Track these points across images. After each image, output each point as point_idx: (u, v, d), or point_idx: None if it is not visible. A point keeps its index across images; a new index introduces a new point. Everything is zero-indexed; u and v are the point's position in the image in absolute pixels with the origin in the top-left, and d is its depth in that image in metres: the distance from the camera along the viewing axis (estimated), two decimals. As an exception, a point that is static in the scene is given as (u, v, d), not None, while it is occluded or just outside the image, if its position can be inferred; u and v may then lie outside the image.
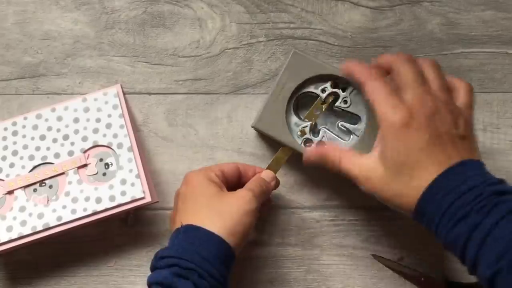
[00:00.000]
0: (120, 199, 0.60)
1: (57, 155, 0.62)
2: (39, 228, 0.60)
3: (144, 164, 0.63)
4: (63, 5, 0.68)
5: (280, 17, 0.68)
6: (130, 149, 0.62)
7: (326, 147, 0.57)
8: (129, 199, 0.60)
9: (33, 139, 0.62)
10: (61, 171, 0.61)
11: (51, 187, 0.61)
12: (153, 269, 0.53)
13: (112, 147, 0.62)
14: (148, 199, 0.61)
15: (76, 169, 0.61)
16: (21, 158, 0.61)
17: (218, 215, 0.54)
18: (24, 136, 0.62)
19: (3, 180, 0.61)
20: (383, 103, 0.51)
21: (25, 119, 0.63)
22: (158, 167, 0.67)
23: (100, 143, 0.62)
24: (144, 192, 0.61)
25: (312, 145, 0.63)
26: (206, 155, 0.67)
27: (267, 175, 0.61)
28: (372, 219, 0.66)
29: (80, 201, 0.60)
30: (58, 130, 0.62)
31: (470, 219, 0.47)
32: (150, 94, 0.68)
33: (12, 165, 0.61)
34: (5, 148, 0.62)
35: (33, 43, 0.68)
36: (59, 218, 0.60)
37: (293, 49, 0.63)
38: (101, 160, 0.62)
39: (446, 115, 0.51)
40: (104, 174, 0.62)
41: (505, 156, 0.67)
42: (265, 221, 0.65)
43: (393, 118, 0.51)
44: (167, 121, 0.67)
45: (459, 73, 0.67)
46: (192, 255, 0.51)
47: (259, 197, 0.57)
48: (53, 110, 0.63)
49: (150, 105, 0.67)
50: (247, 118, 0.67)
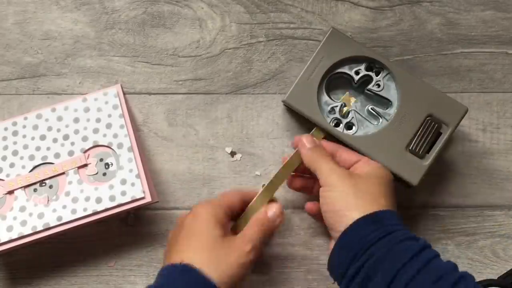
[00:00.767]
0: (120, 199, 0.60)
1: (57, 155, 0.62)
2: (39, 228, 0.60)
3: (144, 164, 0.63)
4: (63, 5, 0.68)
5: (280, 17, 0.68)
6: (130, 149, 0.62)
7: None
8: (129, 199, 0.60)
9: (33, 139, 0.62)
10: (61, 171, 0.61)
11: (51, 187, 0.61)
12: None
13: (112, 147, 0.62)
14: (148, 199, 0.61)
15: (76, 169, 0.61)
16: (22, 158, 0.62)
17: (217, 262, 0.54)
18: (24, 136, 0.62)
19: (3, 180, 0.61)
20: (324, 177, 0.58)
21: (26, 119, 0.63)
22: (158, 167, 0.67)
23: (100, 143, 0.62)
24: (144, 192, 0.61)
25: (341, 126, 0.63)
26: (206, 155, 0.67)
27: (274, 210, 0.59)
28: (372, 219, 0.66)
29: (80, 201, 0.60)
30: (58, 130, 0.62)
31: (350, 271, 0.55)
32: (150, 94, 0.68)
33: (12, 165, 0.61)
34: (5, 148, 0.62)
35: (33, 43, 0.68)
36: (59, 218, 0.60)
37: (332, 26, 0.63)
38: (101, 160, 0.62)
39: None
40: (104, 174, 0.62)
41: (505, 156, 0.67)
42: (265, 221, 0.65)
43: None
44: (167, 121, 0.67)
45: (459, 73, 0.67)
46: None
47: (260, 245, 0.57)
48: (53, 110, 0.63)
49: (150, 105, 0.67)
50: (247, 118, 0.67)
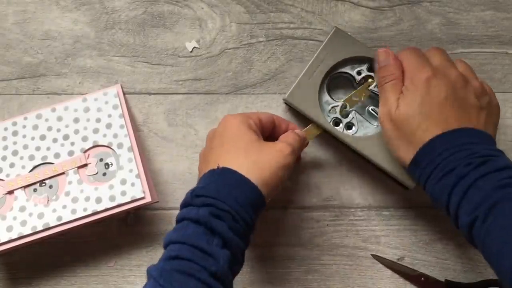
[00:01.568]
0: (120, 199, 0.60)
1: (57, 155, 0.62)
2: (39, 228, 0.60)
3: (144, 164, 0.63)
4: (63, 5, 0.68)
5: (280, 17, 0.68)
6: (130, 149, 0.62)
7: (394, 62, 0.59)
8: (129, 199, 0.60)
9: (33, 139, 0.62)
10: (61, 171, 0.61)
11: (51, 187, 0.61)
12: (186, 205, 0.53)
13: (112, 147, 0.62)
14: (148, 199, 0.61)
15: (76, 169, 0.61)
16: (21, 158, 0.62)
17: (255, 164, 0.54)
18: (24, 136, 0.62)
19: (3, 180, 0.61)
20: (412, 61, 0.57)
21: (25, 119, 0.63)
22: (158, 167, 0.67)
23: (100, 143, 0.62)
24: (144, 192, 0.61)
25: (341, 125, 0.63)
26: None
27: (301, 133, 0.60)
28: (372, 219, 0.66)
29: (80, 201, 0.60)
30: (58, 130, 0.62)
31: (457, 171, 0.51)
32: (150, 94, 0.68)
33: (12, 165, 0.61)
34: (5, 148, 0.62)
35: (33, 43, 0.68)
36: (59, 218, 0.60)
37: (335, 26, 0.63)
38: (101, 160, 0.62)
39: (469, 85, 0.55)
40: (104, 174, 0.62)
41: (505, 156, 0.67)
42: (265, 221, 0.65)
43: (418, 73, 0.55)
44: (167, 121, 0.67)
45: (459, 73, 0.67)
46: (228, 198, 0.51)
47: (296, 152, 0.58)
48: (53, 110, 0.63)
49: (150, 105, 0.67)
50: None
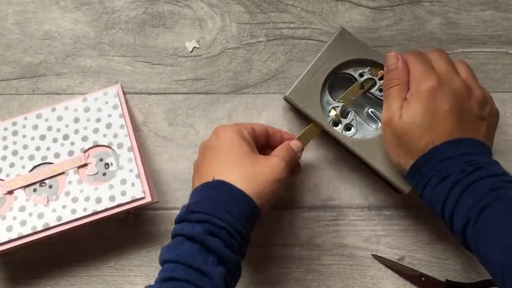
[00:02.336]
0: (120, 199, 0.60)
1: (57, 155, 0.62)
2: (39, 228, 0.59)
3: (144, 164, 0.63)
4: (63, 5, 0.68)
5: (280, 17, 0.68)
6: (130, 149, 0.62)
7: (402, 67, 0.58)
8: (129, 199, 0.60)
9: (33, 139, 0.62)
10: (61, 171, 0.61)
11: (51, 187, 0.61)
12: (181, 220, 0.53)
13: (112, 147, 0.62)
14: (148, 199, 0.61)
15: (76, 169, 0.61)
16: (21, 158, 0.61)
17: (251, 177, 0.54)
18: (24, 136, 0.62)
19: (3, 180, 0.61)
20: (418, 68, 0.56)
21: (25, 119, 0.63)
22: (158, 167, 0.67)
23: (100, 143, 0.62)
24: (144, 192, 0.61)
25: (340, 126, 0.63)
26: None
27: (295, 145, 0.60)
28: (372, 219, 0.66)
29: (80, 201, 0.60)
30: (58, 130, 0.62)
31: (452, 177, 0.52)
32: (150, 94, 0.68)
33: (12, 165, 0.61)
34: (5, 148, 0.62)
35: (33, 43, 0.68)
36: (59, 218, 0.60)
37: (341, 26, 0.63)
38: (101, 160, 0.62)
39: (471, 96, 0.56)
40: (104, 174, 0.62)
41: (505, 156, 0.67)
42: (265, 221, 0.65)
43: (424, 82, 0.55)
44: (167, 121, 0.67)
45: (459, 73, 0.67)
46: (223, 213, 0.52)
47: (290, 166, 0.58)
48: (53, 110, 0.63)
49: (150, 105, 0.67)
50: (247, 118, 0.67)
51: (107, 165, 0.62)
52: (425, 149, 0.54)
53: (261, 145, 0.60)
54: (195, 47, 0.68)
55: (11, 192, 0.61)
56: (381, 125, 0.59)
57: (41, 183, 0.61)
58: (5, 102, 0.67)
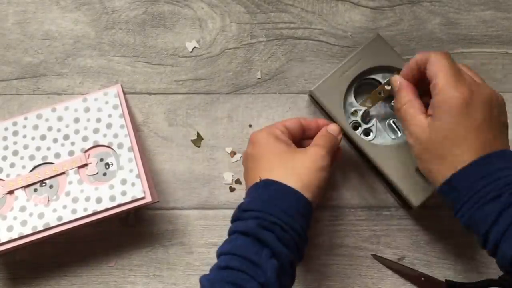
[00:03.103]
0: (120, 199, 0.60)
1: (57, 155, 0.62)
2: (40, 228, 0.60)
3: (144, 164, 0.63)
4: (63, 5, 0.68)
5: (280, 17, 0.68)
6: (130, 149, 0.62)
7: (405, 86, 0.57)
8: (129, 199, 0.60)
9: (33, 139, 0.62)
10: (62, 171, 0.61)
11: (51, 187, 0.61)
12: (235, 219, 0.54)
13: (112, 147, 0.62)
14: (148, 199, 0.61)
15: (76, 169, 0.61)
16: (22, 158, 0.62)
17: (293, 171, 0.55)
18: (24, 136, 0.62)
19: (3, 180, 0.61)
20: (447, 75, 0.53)
21: (26, 119, 0.63)
22: (158, 167, 0.67)
23: (100, 143, 0.62)
24: (144, 192, 0.61)
25: (360, 130, 0.62)
26: (206, 155, 0.67)
27: (333, 129, 0.60)
28: (372, 219, 0.66)
29: (80, 201, 0.60)
30: (58, 130, 0.62)
31: (503, 198, 0.48)
32: (150, 94, 0.68)
33: (12, 165, 0.61)
34: (6, 148, 0.62)
35: (33, 43, 0.68)
36: (60, 218, 0.60)
37: (378, 33, 0.63)
38: (101, 160, 0.62)
39: (498, 105, 0.54)
40: (104, 174, 0.62)
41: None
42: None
43: (454, 93, 0.52)
44: (167, 121, 0.67)
45: (459, 73, 0.67)
46: (274, 209, 0.52)
47: (330, 151, 0.58)
48: (54, 110, 0.63)
49: (150, 105, 0.67)
50: (247, 118, 0.67)
51: (108, 165, 0.62)
52: (458, 163, 0.51)
53: (299, 139, 0.61)
54: (195, 47, 0.68)
55: (12, 192, 0.61)
56: (405, 139, 0.57)
57: (42, 183, 0.61)
58: (5, 102, 0.67)
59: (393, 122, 0.63)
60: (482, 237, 0.50)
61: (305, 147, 0.58)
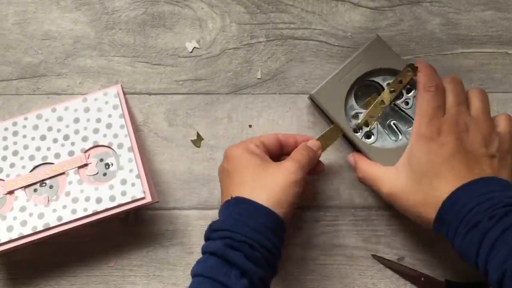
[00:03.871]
0: (120, 199, 0.60)
1: (57, 155, 0.62)
2: (40, 228, 0.60)
3: (144, 164, 0.63)
4: (63, 5, 0.68)
5: (280, 17, 0.68)
6: (130, 149, 0.62)
7: (359, 158, 0.60)
8: (129, 199, 0.60)
9: (33, 139, 0.62)
10: (62, 171, 0.61)
11: (51, 187, 0.61)
12: (206, 239, 0.55)
13: (112, 147, 0.62)
14: (148, 199, 0.61)
15: (76, 169, 0.61)
16: (22, 158, 0.62)
17: (263, 186, 0.55)
18: (24, 136, 0.62)
19: (3, 180, 0.61)
20: (422, 114, 0.56)
21: (26, 119, 0.63)
22: (158, 167, 0.67)
23: (100, 143, 0.62)
24: (144, 192, 0.61)
25: (360, 133, 0.62)
26: (206, 155, 0.67)
27: (313, 144, 0.60)
28: (372, 219, 0.66)
29: (80, 201, 0.60)
30: (58, 130, 0.62)
31: (481, 225, 0.49)
32: (150, 94, 0.68)
33: (12, 165, 0.61)
34: (6, 148, 0.62)
35: (33, 43, 0.68)
36: (60, 218, 0.60)
37: (377, 34, 0.63)
38: (101, 160, 0.62)
39: (476, 135, 0.54)
40: (104, 174, 0.62)
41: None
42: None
43: (424, 130, 0.55)
44: (167, 121, 0.67)
45: (459, 73, 0.67)
46: (242, 227, 0.52)
47: (305, 166, 0.57)
48: (54, 110, 0.63)
49: (150, 105, 0.67)
50: (247, 118, 0.67)
51: (107, 165, 0.62)
52: (440, 197, 0.52)
53: (276, 154, 0.61)
54: (195, 47, 0.68)
55: (12, 192, 0.61)
56: (406, 141, 0.58)
57: (42, 183, 0.61)
58: (5, 102, 0.67)
59: (394, 123, 0.63)
60: (476, 266, 0.51)
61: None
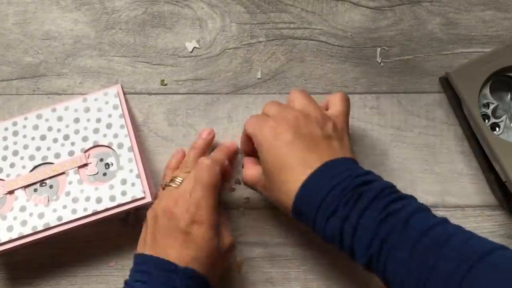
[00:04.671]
0: (120, 199, 0.60)
1: (57, 155, 0.62)
2: (40, 228, 0.60)
3: (144, 164, 0.63)
4: (63, 5, 0.68)
5: (280, 17, 0.68)
6: (130, 149, 0.62)
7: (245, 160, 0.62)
8: (129, 199, 0.60)
9: (33, 139, 0.62)
10: (62, 171, 0.61)
11: (51, 187, 0.61)
12: None
13: (112, 147, 0.62)
14: (148, 199, 0.61)
15: (76, 169, 0.61)
16: (22, 158, 0.62)
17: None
18: (24, 136, 0.62)
19: (3, 180, 0.61)
20: (253, 125, 0.57)
21: (26, 119, 0.63)
22: (158, 167, 0.67)
23: (100, 143, 0.62)
24: (144, 192, 0.61)
25: (487, 122, 0.62)
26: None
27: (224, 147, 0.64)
28: (372, 219, 0.66)
29: (80, 201, 0.60)
30: (58, 130, 0.62)
31: (339, 213, 0.50)
32: (150, 94, 0.68)
33: (12, 165, 0.61)
34: (6, 148, 0.62)
35: (33, 43, 0.68)
36: (60, 218, 0.60)
37: None
38: (101, 160, 0.62)
39: (307, 121, 0.55)
40: (104, 174, 0.62)
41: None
42: (265, 221, 0.65)
43: (261, 132, 0.55)
44: (167, 121, 0.67)
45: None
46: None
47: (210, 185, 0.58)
48: (54, 110, 0.63)
49: (150, 105, 0.68)
50: (247, 118, 0.67)
51: (108, 165, 0.62)
52: (293, 188, 0.53)
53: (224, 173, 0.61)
54: (195, 47, 0.68)
55: (12, 192, 0.61)
56: None
57: (42, 183, 0.61)
58: (5, 102, 0.67)
59: None
60: (341, 250, 0.52)
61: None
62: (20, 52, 0.68)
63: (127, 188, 0.60)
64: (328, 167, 0.52)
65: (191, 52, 0.68)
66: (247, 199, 0.66)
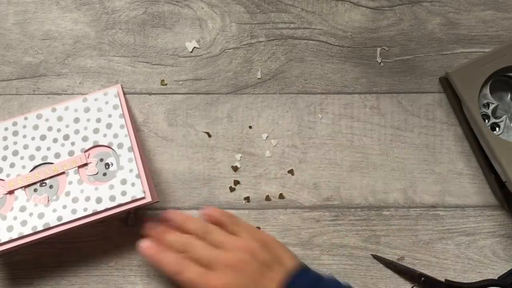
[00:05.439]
0: (120, 199, 0.60)
1: (57, 155, 0.62)
2: (40, 228, 0.60)
3: (144, 164, 0.63)
4: (63, 5, 0.68)
5: (280, 17, 0.68)
6: (130, 149, 0.62)
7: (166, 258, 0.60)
8: (129, 199, 0.60)
9: (33, 139, 0.62)
10: (62, 171, 0.61)
11: (51, 187, 0.61)
12: None
13: (112, 147, 0.62)
14: (148, 199, 0.61)
15: (76, 169, 0.61)
16: (22, 158, 0.62)
17: None
18: (24, 136, 0.62)
19: (3, 180, 0.61)
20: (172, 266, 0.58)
21: (26, 119, 0.63)
22: (158, 167, 0.67)
23: (100, 143, 0.62)
24: (144, 192, 0.61)
25: (487, 122, 0.62)
26: (206, 155, 0.67)
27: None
28: (372, 219, 0.66)
29: (80, 201, 0.60)
30: (58, 130, 0.62)
31: None
32: (150, 94, 0.68)
33: (12, 165, 0.61)
34: (6, 148, 0.62)
35: (33, 43, 0.68)
36: (60, 218, 0.60)
37: None
38: (101, 160, 0.62)
39: (252, 250, 0.56)
40: (104, 174, 0.62)
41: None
42: (265, 221, 0.65)
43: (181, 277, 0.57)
44: (167, 121, 0.67)
45: (459, 73, 0.67)
46: None
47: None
48: (54, 110, 0.63)
49: (150, 105, 0.68)
50: (247, 118, 0.67)
51: (108, 165, 0.62)
52: None
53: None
54: (195, 47, 0.68)
55: (12, 192, 0.61)
56: None
57: (42, 183, 0.61)
58: (5, 102, 0.67)
59: None
60: None
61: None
62: (20, 52, 0.68)
63: (127, 188, 0.60)
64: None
65: (191, 52, 0.68)
66: (247, 199, 0.66)
